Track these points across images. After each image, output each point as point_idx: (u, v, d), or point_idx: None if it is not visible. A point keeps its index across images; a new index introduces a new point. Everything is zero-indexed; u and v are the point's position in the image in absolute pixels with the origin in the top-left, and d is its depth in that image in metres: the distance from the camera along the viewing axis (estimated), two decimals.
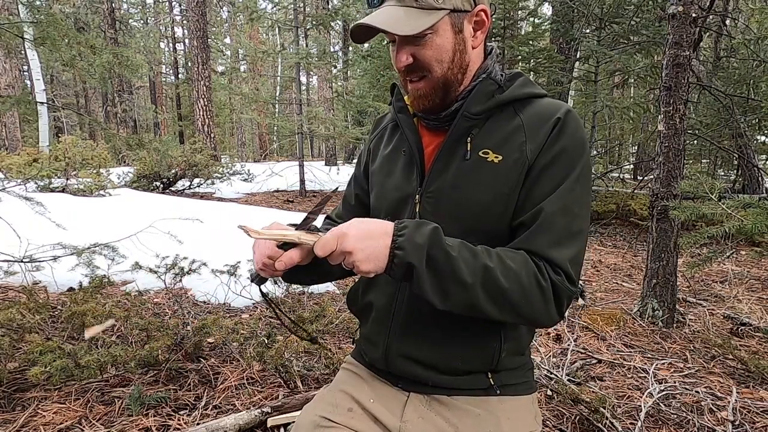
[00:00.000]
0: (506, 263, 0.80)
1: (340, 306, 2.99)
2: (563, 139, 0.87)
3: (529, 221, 0.85)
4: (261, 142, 25.43)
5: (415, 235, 0.76)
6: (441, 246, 0.77)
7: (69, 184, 6.56)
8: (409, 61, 0.87)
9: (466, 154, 0.90)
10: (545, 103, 0.92)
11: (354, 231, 0.76)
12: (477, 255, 0.79)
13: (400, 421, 0.95)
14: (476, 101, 0.90)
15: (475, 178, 0.89)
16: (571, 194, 0.85)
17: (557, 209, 0.84)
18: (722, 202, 2.32)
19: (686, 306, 3.35)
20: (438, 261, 0.77)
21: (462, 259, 0.78)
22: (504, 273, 0.78)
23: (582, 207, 0.87)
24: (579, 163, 0.87)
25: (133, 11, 21.92)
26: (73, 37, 2.98)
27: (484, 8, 0.89)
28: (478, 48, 0.93)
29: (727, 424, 1.87)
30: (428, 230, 0.78)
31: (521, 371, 0.99)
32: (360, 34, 0.89)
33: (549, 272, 0.81)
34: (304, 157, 10.50)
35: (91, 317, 2.08)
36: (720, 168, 9.22)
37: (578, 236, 0.85)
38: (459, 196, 0.90)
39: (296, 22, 9.70)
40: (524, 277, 0.79)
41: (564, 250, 0.83)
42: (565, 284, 0.82)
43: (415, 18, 0.84)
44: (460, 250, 0.79)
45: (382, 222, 0.79)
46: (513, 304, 0.79)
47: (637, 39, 6.38)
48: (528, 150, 0.87)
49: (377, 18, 0.84)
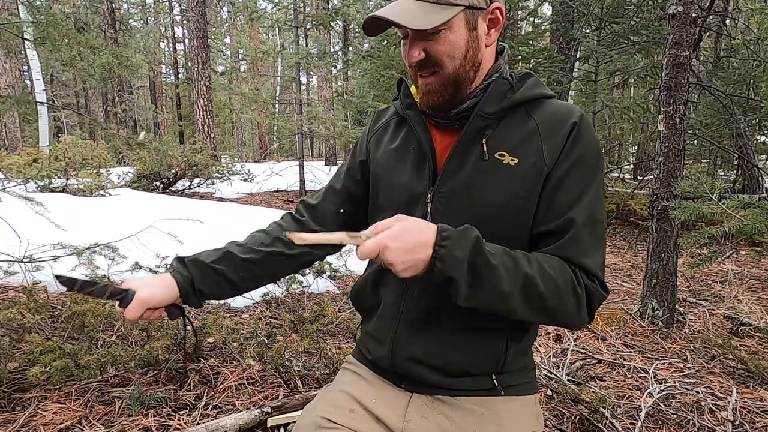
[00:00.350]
0: (546, 270, 0.81)
1: (340, 306, 2.99)
2: (581, 144, 0.88)
3: (559, 231, 0.86)
4: (261, 142, 25.43)
5: (456, 248, 0.76)
6: (483, 256, 0.78)
7: (69, 184, 6.55)
8: (421, 56, 0.86)
9: (483, 155, 0.89)
10: (557, 105, 0.92)
11: (396, 244, 0.75)
12: (518, 262, 0.80)
13: (403, 420, 0.94)
14: (491, 101, 0.90)
15: (491, 179, 0.88)
16: (594, 202, 0.87)
17: (585, 219, 0.86)
18: (722, 202, 2.32)
19: (686, 306, 3.35)
20: (478, 271, 0.78)
21: (503, 267, 0.79)
22: (543, 280, 0.80)
23: (603, 212, 0.89)
24: (598, 169, 0.89)
25: (133, 11, 21.91)
26: (73, 37, 2.98)
27: (499, 6, 0.88)
28: (491, 47, 0.92)
29: (727, 424, 1.87)
30: (470, 242, 0.77)
31: (524, 372, 0.99)
32: (372, 27, 0.88)
33: (584, 279, 0.84)
34: (304, 157, 10.50)
35: (91, 317, 2.08)
36: (720, 168, 9.22)
37: (603, 241, 0.88)
38: (472, 197, 0.89)
39: (296, 22, 9.70)
40: (561, 284, 0.82)
41: (595, 257, 0.86)
42: (598, 290, 0.85)
43: (429, 13, 0.83)
44: (502, 258, 0.80)
45: (424, 230, 0.77)
46: (548, 309, 0.82)
47: (637, 39, 6.38)
48: (545, 154, 0.87)
49: (391, 11, 0.84)
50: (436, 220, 0.91)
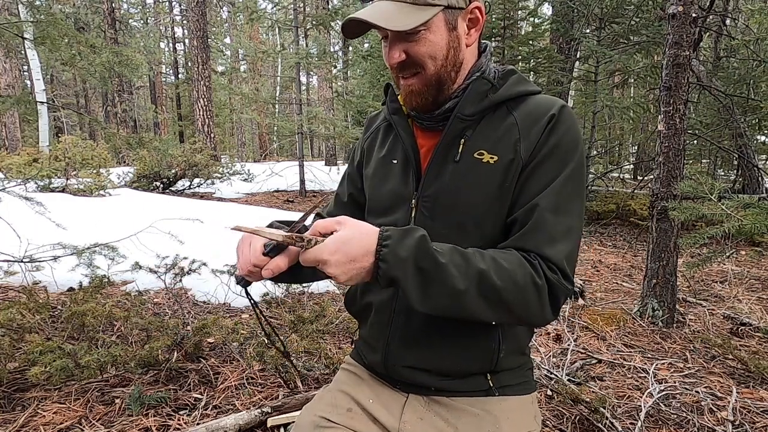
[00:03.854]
0: (500, 264, 0.78)
1: (340, 306, 2.98)
2: (556, 135, 0.86)
3: (523, 218, 0.84)
4: (261, 142, 25.43)
5: (399, 247, 0.74)
6: (429, 255, 0.75)
7: (69, 184, 6.56)
8: (401, 57, 0.86)
9: (456, 155, 0.89)
10: (539, 100, 0.91)
11: (336, 257, 0.72)
12: (469, 259, 0.77)
13: (399, 421, 0.95)
14: (470, 102, 0.89)
15: (472, 180, 0.88)
16: (564, 190, 0.84)
17: (551, 206, 0.83)
18: (722, 202, 2.32)
19: (686, 306, 3.35)
20: (426, 270, 0.75)
21: (453, 264, 0.76)
22: (498, 274, 0.77)
23: (575, 203, 0.85)
24: (572, 159, 0.86)
25: (133, 11, 21.91)
26: (73, 36, 2.98)
27: (478, 5, 0.89)
28: (472, 46, 0.92)
29: (727, 424, 1.87)
30: (414, 240, 0.75)
31: (521, 371, 0.99)
32: (351, 29, 0.88)
33: (545, 270, 0.80)
34: (304, 157, 10.50)
35: (91, 317, 2.08)
36: (720, 168, 9.21)
37: (572, 233, 0.84)
38: (456, 199, 0.89)
39: (296, 22, 9.70)
40: (519, 277, 0.78)
41: (559, 246, 0.81)
42: (561, 281, 0.81)
43: (408, 14, 0.82)
44: (451, 256, 0.77)
45: (365, 237, 0.74)
46: (508, 305, 0.78)
47: (637, 39, 6.38)
48: (522, 149, 0.86)
49: (370, 13, 0.83)
50: (422, 223, 0.91)
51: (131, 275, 2.68)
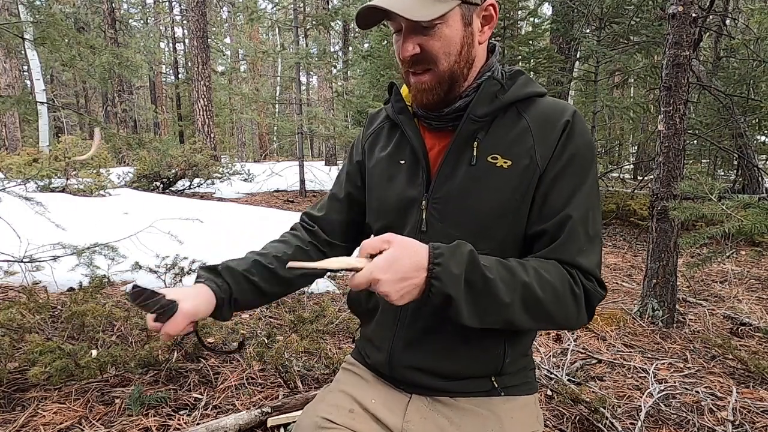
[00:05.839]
0: (542, 275, 0.80)
1: (340, 306, 2.98)
2: (573, 143, 0.86)
3: (555, 231, 0.85)
4: (261, 142, 25.42)
5: (452, 263, 0.74)
6: (479, 270, 0.76)
7: (69, 184, 6.55)
8: (416, 51, 0.84)
9: (472, 159, 0.88)
10: (549, 103, 0.91)
11: (387, 276, 0.72)
12: (514, 272, 0.79)
13: (403, 421, 0.94)
14: (482, 102, 0.88)
15: (485, 184, 0.87)
16: (589, 199, 0.86)
17: (580, 217, 0.85)
18: (722, 202, 2.32)
19: (686, 306, 3.35)
20: (476, 286, 0.76)
21: (500, 279, 0.77)
22: (541, 286, 0.79)
23: (598, 210, 0.89)
24: (591, 166, 0.88)
25: (133, 11, 21.89)
26: (73, 37, 2.98)
27: (493, 3, 0.88)
28: (483, 44, 0.91)
29: (727, 424, 1.87)
30: (465, 256, 0.76)
31: (524, 372, 0.99)
32: (366, 19, 0.86)
33: (582, 280, 0.83)
34: (304, 157, 10.50)
35: (91, 317, 2.08)
36: (720, 168, 9.21)
37: (598, 239, 0.88)
38: (467, 203, 0.88)
39: (296, 22, 9.70)
40: (560, 287, 0.81)
41: (591, 256, 0.85)
42: (597, 289, 0.84)
43: (426, 5, 0.81)
44: (497, 270, 0.78)
45: (416, 253, 0.74)
46: (549, 314, 0.81)
47: (637, 39, 6.38)
48: (538, 156, 0.86)
49: (388, 1, 0.81)
50: (432, 226, 0.90)
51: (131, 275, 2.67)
